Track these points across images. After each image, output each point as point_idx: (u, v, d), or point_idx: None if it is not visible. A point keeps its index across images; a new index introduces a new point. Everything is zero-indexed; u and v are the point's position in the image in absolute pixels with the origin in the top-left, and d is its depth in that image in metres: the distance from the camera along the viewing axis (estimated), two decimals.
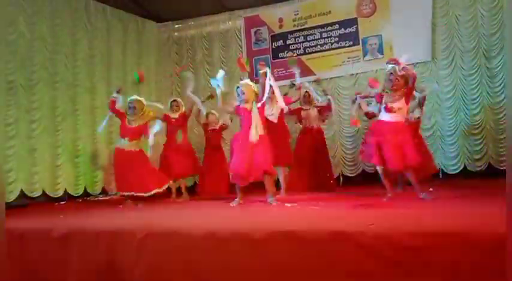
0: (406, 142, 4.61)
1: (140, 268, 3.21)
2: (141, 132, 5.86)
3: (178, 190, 6.74)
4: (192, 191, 7.18)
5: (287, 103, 6.04)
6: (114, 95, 6.06)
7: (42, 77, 6.94)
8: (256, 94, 5.08)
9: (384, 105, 4.71)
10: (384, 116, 4.74)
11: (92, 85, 7.82)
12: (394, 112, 4.64)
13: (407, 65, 4.77)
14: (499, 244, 2.34)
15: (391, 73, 4.69)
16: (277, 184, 6.09)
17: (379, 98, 4.83)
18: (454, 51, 7.47)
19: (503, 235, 2.34)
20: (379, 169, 4.77)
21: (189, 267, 3.07)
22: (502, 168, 7.00)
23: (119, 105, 6.02)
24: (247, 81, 5.27)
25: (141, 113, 5.89)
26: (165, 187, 5.95)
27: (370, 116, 6.35)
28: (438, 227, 2.70)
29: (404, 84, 4.67)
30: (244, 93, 5.04)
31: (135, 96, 6.04)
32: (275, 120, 5.84)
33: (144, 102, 6.02)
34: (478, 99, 7.29)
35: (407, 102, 4.73)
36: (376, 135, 4.72)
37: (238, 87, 5.13)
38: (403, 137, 4.61)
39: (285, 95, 6.28)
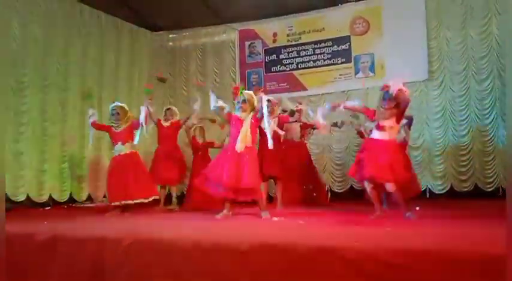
0: (396, 160, 4.67)
1: (123, 276, 3.17)
2: (130, 132, 5.81)
3: (168, 197, 6.70)
4: (181, 200, 7.13)
5: (284, 121, 6.05)
6: (90, 112, 6.03)
7: (33, 80, 6.91)
8: (254, 108, 5.09)
9: (375, 124, 4.76)
10: (376, 134, 4.78)
11: (83, 90, 7.78)
12: (385, 131, 4.69)
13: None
14: (482, 263, 2.35)
15: (387, 91, 4.74)
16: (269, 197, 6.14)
17: (373, 115, 4.87)
18: (444, 73, 7.58)
19: (487, 255, 2.35)
20: (367, 186, 4.77)
21: (173, 277, 3.04)
22: (488, 190, 7.08)
23: (97, 121, 6.04)
24: (251, 92, 5.26)
25: (125, 118, 5.86)
26: (151, 199, 5.80)
27: (362, 135, 6.42)
28: (422, 245, 2.70)
29: (396, 106, 4.72)
30: (246, 102, 5.04)
31: (116, 103, 5.99)
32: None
33: (126, 108, 5.98)
34: (466, 121, 7.39)
35: (397, 122, 4.77)
36: (367, 151, 4.75)
37: (241, 93, 5.12)
38: (394, 155, 4.66)
39: (284, 111, 6.32)
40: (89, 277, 3.27)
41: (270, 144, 5.05)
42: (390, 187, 4.61)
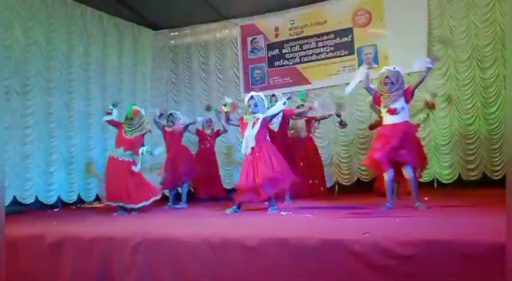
0: (412, 142, 4.63)
1: (132, 275, 3.18)
2: (137, 143, 5.75)
3: (176, 196, 6.73)
4: (189, 198, 7.15)
5: (290, 113, 6.05)
6: (110, 107, 5.95)
7: (37, 83, 6.93)
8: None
9: (386, 109, 4.70)
10: (388, 119, 4.71)
11: (87, 92, 7.81)
12: (398, 113, 4.64)
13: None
14: (492, 253, 2.34)
15: (387, 76, 4.72)
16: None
17: (378, 100, 4.83)
18: (448, 62, 7.53)
19: (497, 245, 2.34)
20: (386, 176, 4.73)
21: (181, 275, 3.05)
22: (496, 178, 7.03)
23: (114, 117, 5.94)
24: (261, 94, 5.24)
25: (138, 124, 5.83)
26: (152, 200, 5.77)
27: (373, 127, 6.45)
28: (431, 236, 2.70)
29: (402, 85, 4.71)
30: (257, 106, 5.04)
31: (134, 107, 5.90)
32: (275, 129, 5.81)
33: (143, 112, 5.95)
34: (472, 109, 7.34)
35: (407, 102, 4.74)
36: (384, 139, 4.66)
37: (252, 97, 5.08)
38: (409, 137, 4.63)
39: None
40: (99, 276, 3.29)
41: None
42: (409, 172, 4.61)
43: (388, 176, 4.72)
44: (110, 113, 5.90)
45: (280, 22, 8.64)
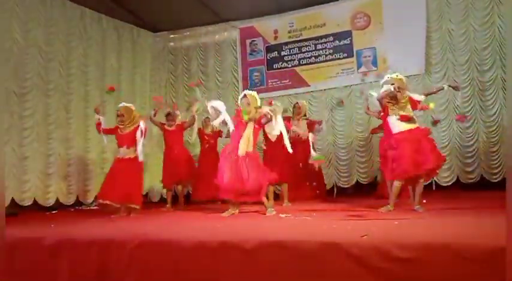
0: (428, 145, 4.66)
1: (130, 278, 3.17)
2: (135, 136, 5.77)
3: (175, 198, 6.72)
4: (186, 200, 7.15)
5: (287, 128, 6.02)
6: (96, 117, 5.97)
7: (36, 85, 6.92)
8: (258, 111, 5.00)
9: (397, 117, 4.68)
10: (401, 126, 4.69)
11: (86, 94, 7.81)
12: (411, 118, 4.67)
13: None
14: (491, 256, 2.34)
15: (393, 84, 4.71)
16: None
17: (386, 110, 4.80)
18: (446, 65, 7.55)
19: (495, 247, 2.34)
20: (398, 180, 4.72)
21: (179, 277, 3.04)
22: (494, 180, 7.05)
23: (104, 125, 5.95)
24: (254, 93, 5.15)
25: (130, 119, 5.83)
26: (132, 206, 5.71)
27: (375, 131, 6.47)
28: (430, 239, 2.69)
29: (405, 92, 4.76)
30: (249, 104, 4.97)
31: (122, 104, 5.96)
32: (273, 139, 5.78)
33: (133, 108, 5.96)
34: (470, 112, 7.35)
35: (413, 109, 4.78)
36: (405, 144, 4.61)
37: (244, 96, 5.03)
38: (426, 141, 4.67)
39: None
40: (97, 279, 3.28)
41: (289, 148, 5.01)
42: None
43: (399, 180, 4.72)
44: (100, 124, 5.92)
45: (279, 25, 8.66)
